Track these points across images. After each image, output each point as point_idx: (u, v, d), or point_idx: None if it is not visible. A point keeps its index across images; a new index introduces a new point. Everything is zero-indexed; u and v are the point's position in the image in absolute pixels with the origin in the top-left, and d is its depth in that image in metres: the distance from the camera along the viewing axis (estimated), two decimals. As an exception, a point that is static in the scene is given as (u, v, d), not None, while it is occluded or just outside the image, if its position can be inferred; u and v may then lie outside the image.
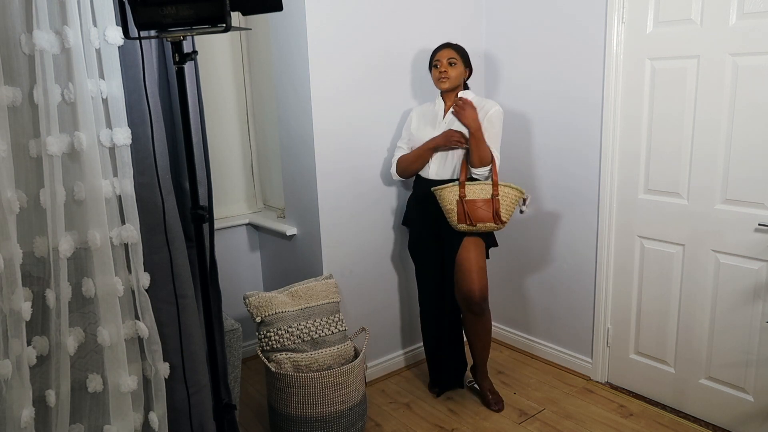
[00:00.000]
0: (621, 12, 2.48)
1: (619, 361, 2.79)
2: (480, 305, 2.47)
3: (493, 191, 2.39)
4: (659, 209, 2.51)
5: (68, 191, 1.70)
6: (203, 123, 1.93)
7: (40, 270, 1.69)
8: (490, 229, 2.43)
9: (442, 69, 2.46)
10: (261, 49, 3.05)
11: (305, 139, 2.61)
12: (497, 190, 2.39)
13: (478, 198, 2.38)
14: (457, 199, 2.39)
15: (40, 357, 1.69)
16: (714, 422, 2.47)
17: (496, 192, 2.39)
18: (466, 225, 2.40)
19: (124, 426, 1.83)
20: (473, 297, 2.45)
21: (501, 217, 2.39)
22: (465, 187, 2.39)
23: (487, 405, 2.66)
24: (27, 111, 1.62)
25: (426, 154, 2.51)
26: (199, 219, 1.60)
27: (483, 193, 2.39)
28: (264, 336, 2.33)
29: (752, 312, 2.28)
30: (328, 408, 2.28)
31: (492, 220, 2.39)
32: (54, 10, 1.60)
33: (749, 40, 2.13)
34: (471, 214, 2.37)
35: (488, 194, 2.39)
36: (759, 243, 2.22)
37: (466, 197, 2.38)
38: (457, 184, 2.41)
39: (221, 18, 1.35)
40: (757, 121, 2.15)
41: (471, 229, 2.41)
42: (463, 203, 2.38)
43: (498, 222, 2.40)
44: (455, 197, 2.39)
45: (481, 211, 2.38)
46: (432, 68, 2.53)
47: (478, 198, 2.38)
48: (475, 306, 2.47)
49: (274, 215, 3.14)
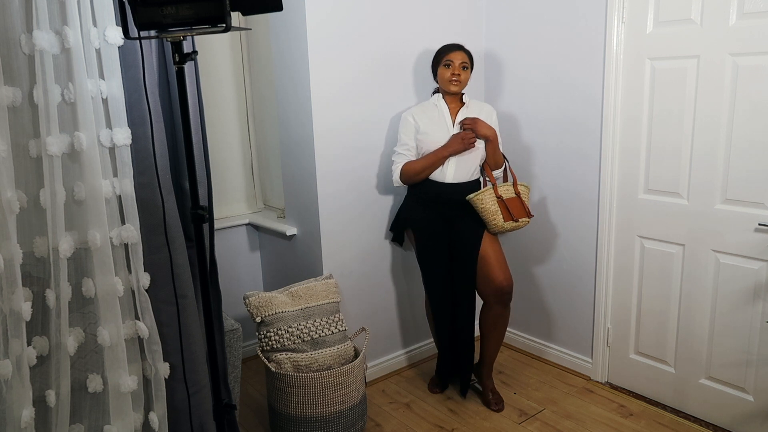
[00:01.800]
0: (621, 12, 2.48)
1: (619, 361, 2.79)
2: (510, 294, 2.56)
3: (515, 189, 2.54)
4: (659, 209, 2.51)
5: (68, 191, 1.70)
6: (203, 123, 1.93)
7: (40, 270, 1.69)
8: (525, 224, 2.55)
9: (455, 71, 2.47)
10: (261, 49, 3.05)
11: (305, 139, 2.61)
12: (518, 188, 2.55)
13: (510, 196, 2.52)
14: (497, 200, 2.47)
15: (40, 357, 1.69)
16: (714, 422, 2.47)
17: (518, 191, 2.54)
18: (513, 222, 2.49)
19: (124, 426, 1.83)
20: (504, 287, 2.53)
21: (530, 211, 2.55)
22: (497, 189, 2.50)
23: (487, 405, 2.66)
24: (27, 111, 1.62)
25: (440, 162, 2.50)
26: (199, 219, 1.60)
27: (509, 192, 2.53)
28: (264, 336, 2.33)
29: (752, 312, 2.28)
30: (328, 408, 2.28)
31: (527, 215, 2.53)
32: (54, 10, 1.60)
33: (749, 40, 2.13)
34: (513, 211, 2.48)
35: (512, 193, 2.53)
36: (759, 243, 2.22)
37: (503, 197, 2.49)
38: (490, 187, 2.50)
39: (221, 18, 1.35)
40: (757, 120, 2.15)
41: (515, 226, 2.51)
42: (505, 202, 2.48)
43: (530, 216, 2.55)
44: (494, 199, 2.47)
45: (518, 208, 2.52)
46: (441, 67, 2.50)
47: (510, 196, 2.52)
48: (505, 296, 2.55)
49: (274, 215, 3.14)
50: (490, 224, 2.50)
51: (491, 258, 2.53)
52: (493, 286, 2.53)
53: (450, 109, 2.55)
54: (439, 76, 2.52)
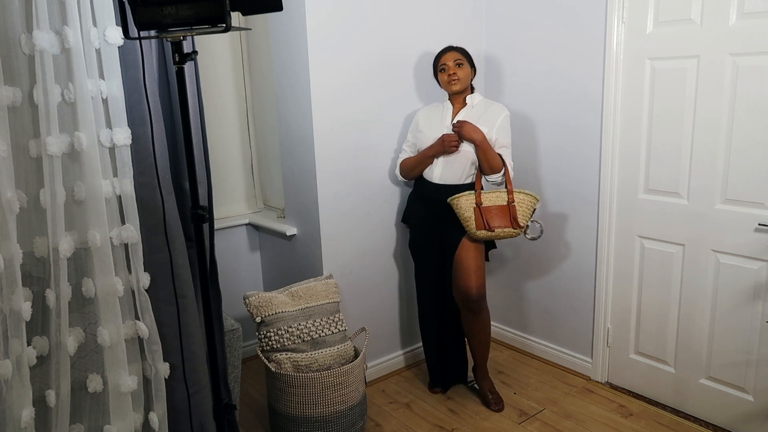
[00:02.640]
0: (621, 12, 2.48)
1: (619, 361, 2.79)
2: (477, 303, 2.51)
3: (508, 198, 2.43)
4: (659, 209, 2.51)
5: (68, 191, 1.70)
6: (203, 123, 1.93)
7: (40, 270, 1.69)
8: (510, 235, 2.43)
9: (450, 72, 2.48)
10: (261, 49, 3.05)
11: (305, 139, 2.61)
12: (512, 196, 2.43)
13: (493, 205, 2.42)
14: (474, 207, 2.41)
15: (40, 357, 1.69)
16: (714, 422, 2.47)
17: (512, 198, 2.42)
18: (486, 231, 2.41)
19: (124, 426, 1.83)
20: (470, 295, 2.48)
21: (519, 221, 2.41)
22: (481, 195, 2.42)
23: (486, 405, 2.66)
24: (27, 111, 1.62)
25: (426, 161, 2.54)
26: (199, 219, 1.60)
27: (499, 200, 2.43)
28: (264, 336, 2.33)
29: (752, 312, 2.28)
30: (328, 408, 2.28)
31: (511, 225, 2.41)
32: (54, 10, 1.60)
33: (749, 40, 2.13)
34: (489, 221, 2.40)
35: (504, 201, 2.43)
36: (759, 243, 2.22)
37: (483, 204, 2.41)
38: (473, 192, 2.43)
39: (221, 18, 1.35)
40: (757, 120, 2.15)
41: (490, 235, 2.42)
42: (481, 210, 2.40)
43: (516, 227, 2.41)
44: (472, 205, 2.41)
45: (498, 217, 2.41)
46: (439, 73, 2.54)
47: (493, 205, 2.42)
48: (472, 303, 2.51)
49: (274, 215, 3.14)
50: (467, 229, 2.45)
51: (464, 263, 2.49)
52: (461, 293, 2.53)
53: (454, 109, 2.56)
54: (440, 81, 2.56)
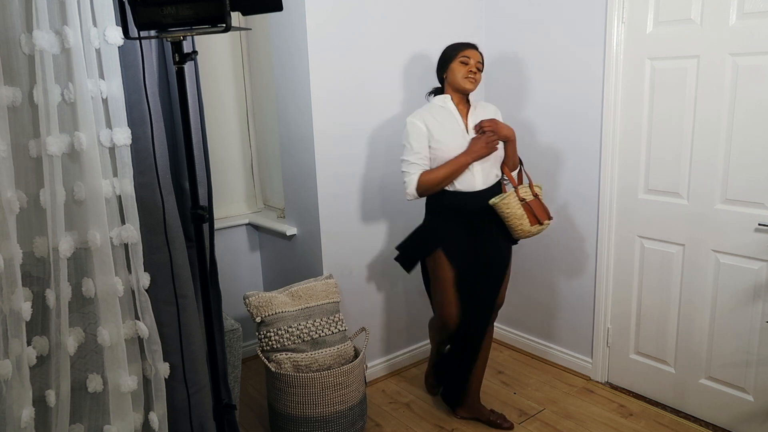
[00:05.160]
0: (621, 12, 2.48)
1: (619, 361, 2.79)
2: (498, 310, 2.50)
3: (532, 191, 2.35)
4: (659, 209, 2.51)
5: (68, 191, 1.70)
6: (203, 123, 1.93)
7: (40, 270, 1.69)
8: (545, 228, 2.36)
9: (472, 69, 2.27)
10: (261, 49, 3.05)
11: (305, 139, 2.61)
12: (534, 189, 2.37)
13: (530, 199, 2.33)
14: (522, 204, 2.30)
15: (40, 357, 1.69)
16: (714, 422, 2.47)
17: (535, 191, 2.36)
18: (538, 226, 2.32)
19: (124, 426, 1.83)
20: (500, 304, 2.49)
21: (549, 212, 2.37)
22: (520, 192, 2.32)
23: (497, 427, 2.51)
24: (27, 111, 1.62)
25: (463, 169, 2.26)
26: (199, 219, 1.60)
27: (528, 194, 2.34)
28: (264, 336, 2.33)
29: (752, 312, 2.28)
30: (328, 408, 2.28)
31: (548, 217, 2.35)
32: (54, 10, 1.60)
33: (749, 40, 2.13)
34: (538, 214, 2.31)
35: (530, 195, 2.34)
36: (759, 243, 2.21)
37: (526, 200, 2.31)
38: (513, 191, 2.32)
39: (221, 18, 1.35)
40: (757, 121, 2.15)
41: (540, 229, 2.33)
42: (529, 205, 2.31)
43: (550, 218, 2.37)
44: (519, 202, 2.30)
45: (540, 210, 2.33)
46: (456, 63, 2.28)
47: (530, 199, 2.33)
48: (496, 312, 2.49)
49: (274, 215, 3.14)
50: (516, 230, 2.30)
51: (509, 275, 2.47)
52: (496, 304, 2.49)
53: (460, 110, 2.33)
54: (452, 72, 2.28)
